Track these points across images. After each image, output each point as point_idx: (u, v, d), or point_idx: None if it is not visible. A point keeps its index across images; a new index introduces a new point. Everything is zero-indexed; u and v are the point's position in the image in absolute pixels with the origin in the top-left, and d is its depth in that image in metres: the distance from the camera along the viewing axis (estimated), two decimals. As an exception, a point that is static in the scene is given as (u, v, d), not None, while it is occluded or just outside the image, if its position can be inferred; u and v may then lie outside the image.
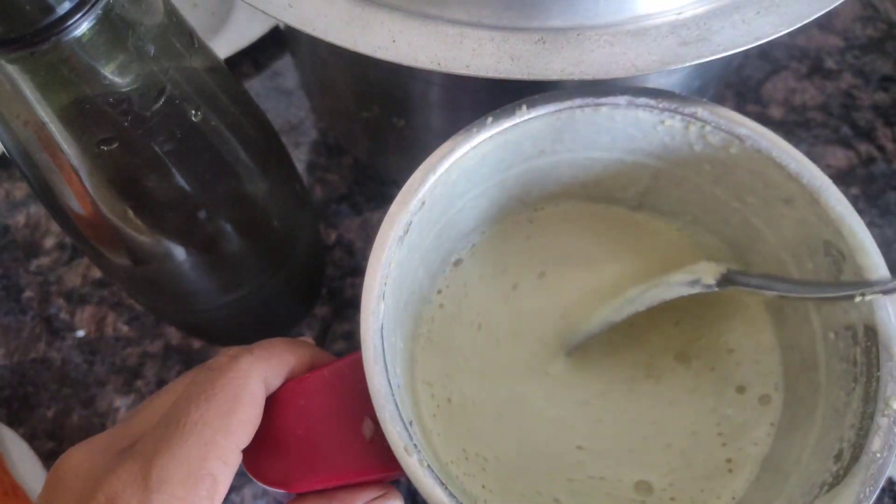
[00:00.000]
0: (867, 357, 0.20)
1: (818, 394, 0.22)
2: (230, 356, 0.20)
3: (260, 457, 0.21)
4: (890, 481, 0.33)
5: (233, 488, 0.33)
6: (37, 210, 0.40)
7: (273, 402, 0.21)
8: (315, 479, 0.21)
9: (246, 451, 0.20)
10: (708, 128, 0.23)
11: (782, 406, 0.24)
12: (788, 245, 0.24)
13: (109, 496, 0.17)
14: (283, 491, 0.21)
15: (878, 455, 0.19)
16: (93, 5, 0.16)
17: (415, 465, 0.19)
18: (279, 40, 0.45)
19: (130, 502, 0.17)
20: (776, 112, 0.43)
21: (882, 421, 0.19)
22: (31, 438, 0.34)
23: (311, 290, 0.37)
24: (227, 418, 0.19)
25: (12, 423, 0.34)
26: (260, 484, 0.21)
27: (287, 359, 0.22)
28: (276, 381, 0.21)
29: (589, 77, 0.22)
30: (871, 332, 0.20)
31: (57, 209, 0.22)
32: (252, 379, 0.20)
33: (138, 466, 0.18)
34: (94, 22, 0.17)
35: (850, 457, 0.19)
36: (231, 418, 0.19)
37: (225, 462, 0.18)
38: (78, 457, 0.19)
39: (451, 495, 0.18)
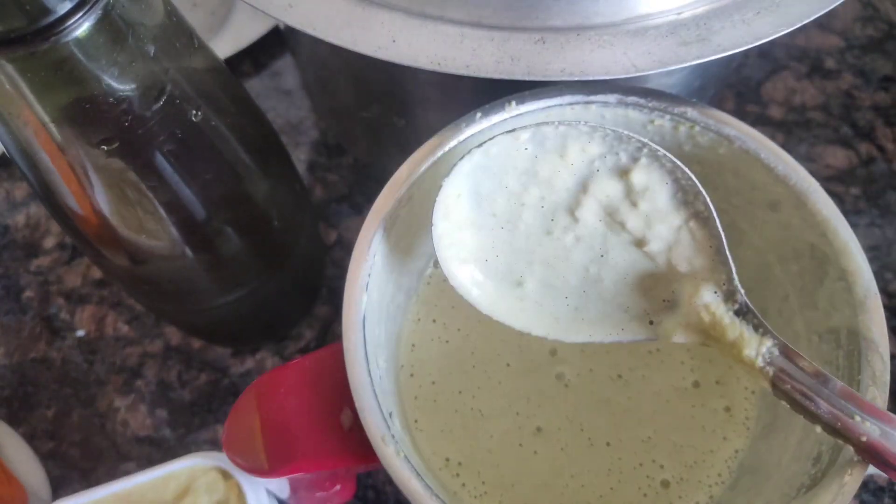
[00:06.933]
0: (849, 361, 0.20)
1: None
2: None
3: (241, 443, 0.21)
4: (890, 481, 0.33)
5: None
6: (37, 210, 0.40)
7: (255, 391, 0.21)
8: (293, 466, 0.21)
9: (227, 438, 0.20)
10: (697, 128, 0.23)
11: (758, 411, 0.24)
12: (774, 248, 0.24)
13: None
14: (264, 478, 0.21)
15: (856, 458, 0.18)
16: (93, 5, 0.16)
17: (391, 456, 0.19)
18: (279, 40, 0.45)
19: None
20: (776, 112, 0.43)
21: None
22: (31, 438, 0.34)
23: (311, 290, 0.37)
24: None
25: (12, 423, 0.34)
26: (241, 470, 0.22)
27: None
28: None
29: (589, 77, 0.22)
30: (854, 336, 0.20)
31: (57, 209, 0.22)
32: None
33: None
34: (94, 22, 0.17)
35: (829, 460, 0.19)
36: None
37: None
38: None
39: (427, 486, 0.18)
